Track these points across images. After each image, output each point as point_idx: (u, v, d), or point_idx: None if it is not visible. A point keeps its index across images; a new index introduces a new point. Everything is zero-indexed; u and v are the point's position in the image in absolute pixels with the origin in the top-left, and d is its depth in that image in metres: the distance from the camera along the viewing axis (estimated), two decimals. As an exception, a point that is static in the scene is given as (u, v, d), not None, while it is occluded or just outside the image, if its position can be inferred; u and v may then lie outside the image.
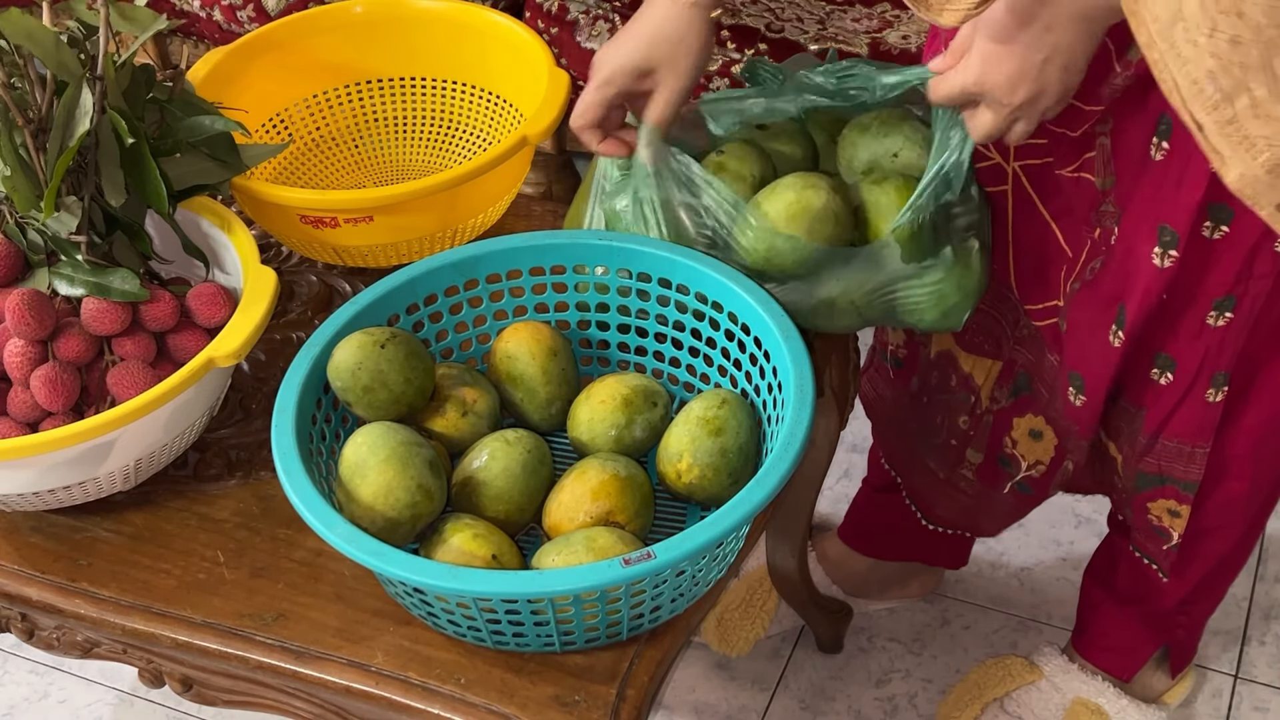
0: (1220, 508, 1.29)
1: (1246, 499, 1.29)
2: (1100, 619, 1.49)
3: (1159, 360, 1.18)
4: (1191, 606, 1.43)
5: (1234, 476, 1.26)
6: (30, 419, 1.07)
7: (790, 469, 0.94)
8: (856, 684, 1.60)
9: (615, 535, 0.97)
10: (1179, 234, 1.07)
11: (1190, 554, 1.34)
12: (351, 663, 0.99)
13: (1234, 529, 1.33)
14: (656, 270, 1.12)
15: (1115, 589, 1.45)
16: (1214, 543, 1.33)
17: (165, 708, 1.62)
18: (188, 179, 1.17)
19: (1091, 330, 1.19)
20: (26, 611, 1.11)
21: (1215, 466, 1.25)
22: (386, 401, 1.04)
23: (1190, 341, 1.15)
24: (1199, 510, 1.29)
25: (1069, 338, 1.22)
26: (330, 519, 0.94)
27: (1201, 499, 1.27)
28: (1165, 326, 1.16)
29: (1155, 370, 1.19)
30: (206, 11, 1.95)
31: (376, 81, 1.43)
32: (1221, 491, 1.27)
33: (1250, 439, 1.22)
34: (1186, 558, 1.34)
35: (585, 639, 0.96)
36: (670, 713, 1.59)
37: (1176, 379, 1.18)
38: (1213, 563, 1.36)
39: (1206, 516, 1.30)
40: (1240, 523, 1.32)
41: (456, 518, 1.00)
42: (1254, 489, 1.28)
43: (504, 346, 1.12)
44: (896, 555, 1.62)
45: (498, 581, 0.90)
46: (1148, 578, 1.39)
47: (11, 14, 1.06)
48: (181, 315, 1.11)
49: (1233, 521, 1.32)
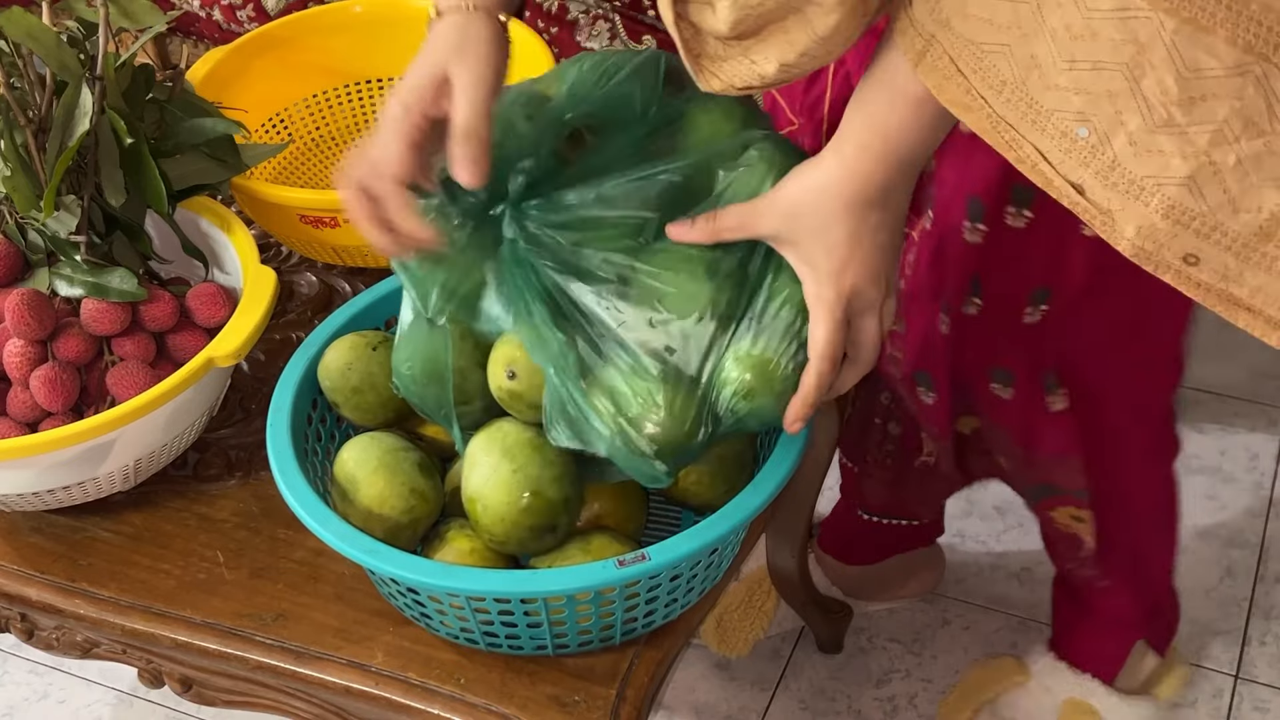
0: (1124, 505, 1.28)
1: (1145, 489, 1.28)
2: (1071, 626, 1.48)
3: (996, 375, 1.16)
4: (1152, 588, 1.42)
5: (1122, 478, 1.25)
6: (30, 419, 1.07)
7: (787, 474, 0.94)
8: (856, 684, 1.60)
9: (610, 537, 0.97)
10: (986, 205, 1.04)
11: (1114, 554, 1.32)
12: (351, 663, 0.99)
13: (1149, 514, 1.32)
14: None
15: (1077, 598, 1.44)
16: (1135, 533, 1.32)
17: (165, 708, 1.62)
18: (187, 179, 1.17)
19: (927, 323, 1.16)
20: (26, 611, 1.11)
21: (1097, 471, 1.23)
22: (374, 404, 1.04)
23: (1015, 344, 1.13)
24: (1103, 512, 1.28)
25: (909, 336, 1.18)
26: (324, 516, 0.94)
27: (1100, 503, 1.26)
28: (993, 333, 1.13)
29: (995, 385, 1.17)
30: (206, 11, 1.95)
31: (376, 81, 1.43)
32: (1118, 497, 1.26)
33: (1115, 439, 1.21)
34: (1112, 560, 1.33)
35: (578, 642, 0.96)
36: (670, 713, 1.59)
37: (1016, 391, 1.16)
38: (1145, 550, 1.35)
39: (1113, 516, 1.29)
40: (1154, 504, 1.31)
41: (460, 524, 1.00)
42: (1146, 478, 1.27)
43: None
44: (874, 558, 1.62)
45: (491, 580, 0.90)
46: (1096, 587, 1.38)
47: (13, 13, 1.06)
48: (181, 315, 1.11)
49: (1144, 509, 1.31)
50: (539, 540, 0.95)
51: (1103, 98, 0.69)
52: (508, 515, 0.93)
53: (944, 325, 1.15)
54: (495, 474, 0.94)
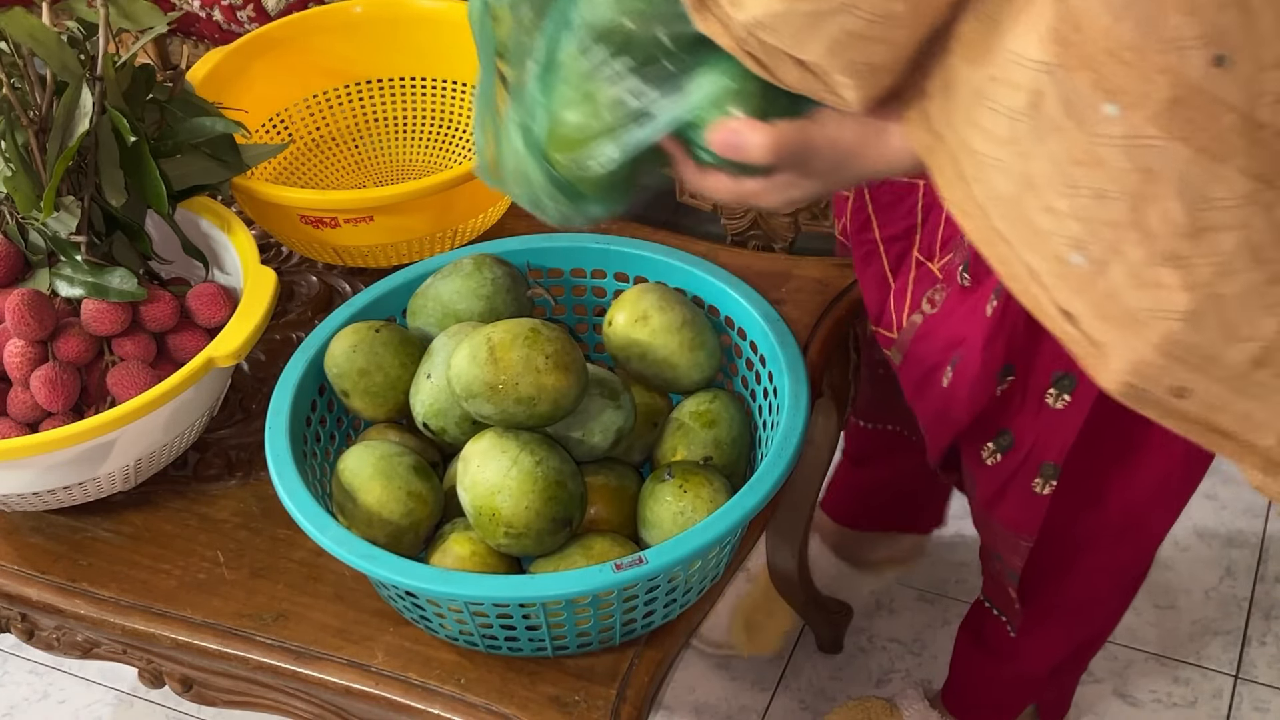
0: (1058, 610, 1.27)
1: (1085, 603, 1.27)
2: (968, 672, 1.45)
3: (1001, 437, 1.13)
4: (1062, 675, 1.40)
5: (1066, 585, 1.24)
6: (30, 419, 1.07)
7: (784, 474, 0.94)
8: (856, 684, 1.60)
9: (610, 540, 0.97)
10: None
11: (1038, 623, 1.30)
12: (351, 663, 0.99)
13: (1079, 618, 1.31)
14: (653, 274, 1.12)
15: (984, 641, 1.40)
16: (1061, 626, 1.31)
17: (165, 708, 1.62)
18: (188, 179, 1.17)
19: (927, 373, 1.13)
20: (26, 611, 1.11)
21: (1048, 562, 1.21)
22: (383, 386, 1.04)
23: (1030, 419, 1.09)
24: (1029, 602, 1.26)
25: (904, 371, 1.16)
26: (322, 521, 0.94)
27: (1030, 593, 1.25)
28: (1013, 399, 1.10)
29: (992, 444, 1.13)
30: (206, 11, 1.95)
31: (376, 81, 1.43)
32: (1055, 605, 1.26)
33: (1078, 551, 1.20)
34: (1034, 623, 1.30)
35: (578, 644, 0.96)
36: (670, 713, 1.59)
37: (1006, 458, 1.13)
38: (1067, 638, 1.33)
39: (1040, 605, 1.28)
40: (1086, 616, 1.30)
41: (460, 527, 1.00)
42: (1090, 598, 1.26)
43: None
44: (874, 526, 1.62)
45: (488, 586, 0.90)
46: (1006, 635, 1.35)
47: (15, 13, 1.06)
48: (181, 315, 1.11)
49: (1076, 612, 1.29)
50: (555, 534, 0.96)
51: (1103, 226, 0.66)
52: (533, 505, 0.94)
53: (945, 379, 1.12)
54: (516, 465, 0.95)
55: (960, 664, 1.47)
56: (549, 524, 0.95)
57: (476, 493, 0.96)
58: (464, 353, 0.97)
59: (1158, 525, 1.21)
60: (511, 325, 0.97)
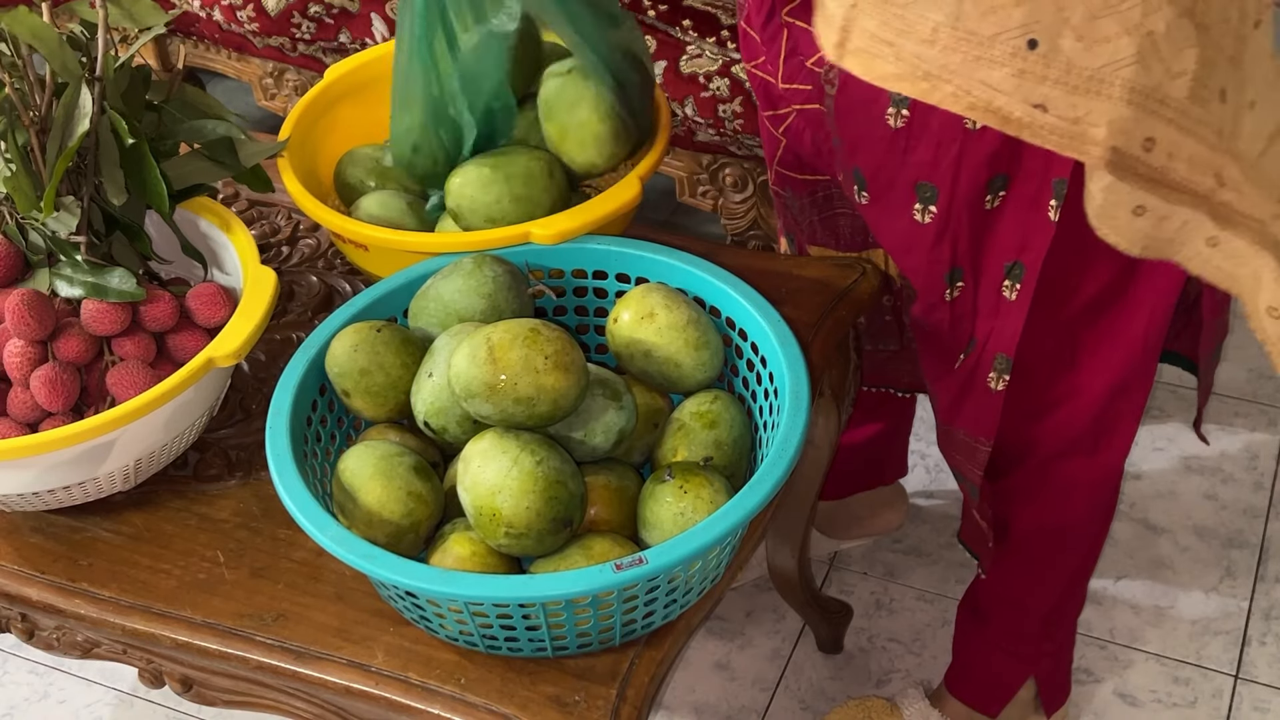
0: (1033, 523, 1.29)
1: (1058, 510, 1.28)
2: (967, 648, 1.47)
3: (970, 346, 1.17)
4: (1053, 629, 1.40)
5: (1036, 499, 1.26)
6: (30, 419, 1.07)
7: (784, 474, 0.94)
8: (856, 684, 1.60)
9: (611, 541, 0.97)
10: (938, 188, 1.05)
11: (1016, 554, 1.33)
12: (351, 663, 0.99)
13: (1056, 544, 1.32)
14: (654, 274, 1.12)
15: (978, 609, 1.43)
16: (1041, 557, 1.32)
17: (165, 708, 1.62)
18: (187, 179, 1.17)
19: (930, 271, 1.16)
20: (26, 611, 1.11)
21: (1017, 485, 1.23)
22: (384, 386, 1.04)
23: (987, 319, 1.14)
24: (1004, 535, 1.28)
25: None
26: (322, 521, 0.94)
27: (1003, 525, 1.26)
28: (968, 303, 1.15)
29: (964, 355, 1.18)
30: (206, 11, 1.95)
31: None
32: (1030, 508, 1.27)
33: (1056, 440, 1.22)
34: (1012, 554, 1.33)
35: (578, 644, 0.96)
36: (670, 713, 1.59)
37: (967, 359, 1.17)
38: (1050, 572, 1.34)
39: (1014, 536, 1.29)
40: (1062, 533, 1.31)
41: (460, 527, 1.00)
42: (1065, 508, 1.28)
43: None
44: (843, 492, 1.65)
45: (488, 586, 0.90)
46: (992, 589, 1.37)
47: (19, 12, 1.07)
48: (181, 315, 1.11)
49: (1049, 531, 1.31)
50: (556, 534, 0.96)
51: (1042, 1, 0.71)
52: (533, 505, 0.94)
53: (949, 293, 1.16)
54: (517, 466, 0.95)
55: (959, 641, 1.48)
56: (549, 524, 0.95)
57: (477, 493, 0.96)
58: (464, 352, 0.97)
59: (1118, 439, 1.22)
60: (511, 325, 0.97)
